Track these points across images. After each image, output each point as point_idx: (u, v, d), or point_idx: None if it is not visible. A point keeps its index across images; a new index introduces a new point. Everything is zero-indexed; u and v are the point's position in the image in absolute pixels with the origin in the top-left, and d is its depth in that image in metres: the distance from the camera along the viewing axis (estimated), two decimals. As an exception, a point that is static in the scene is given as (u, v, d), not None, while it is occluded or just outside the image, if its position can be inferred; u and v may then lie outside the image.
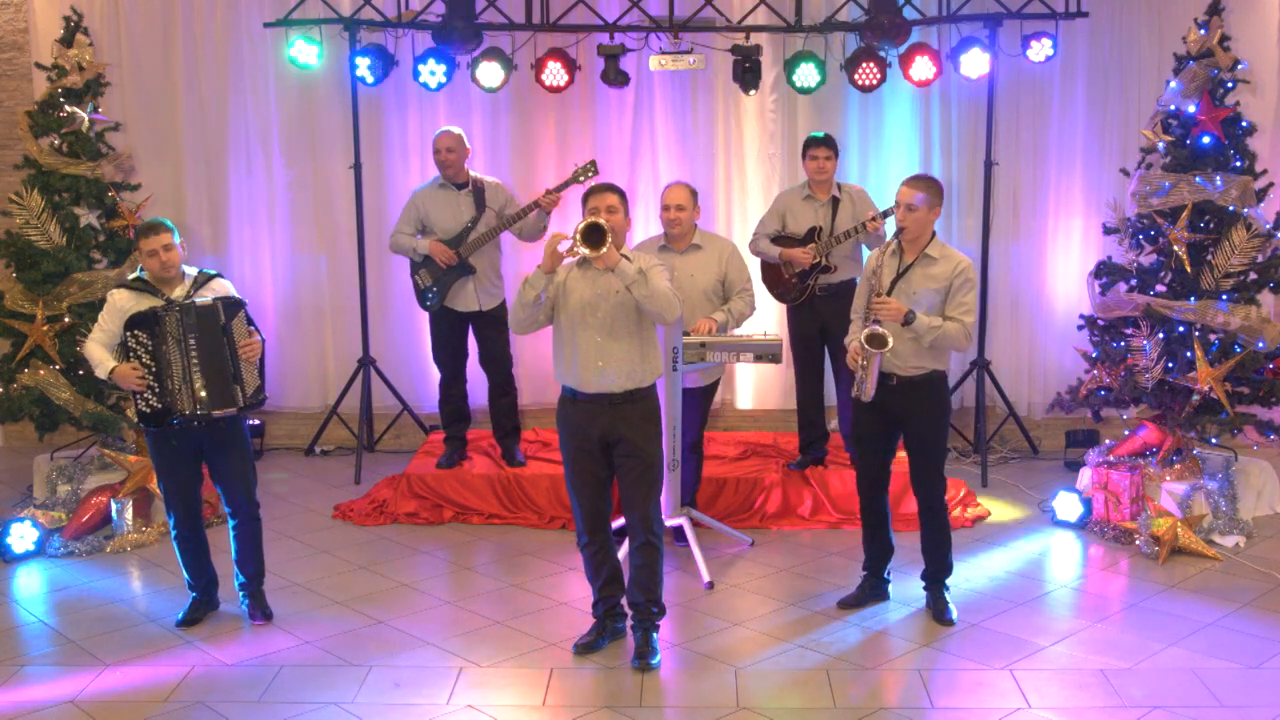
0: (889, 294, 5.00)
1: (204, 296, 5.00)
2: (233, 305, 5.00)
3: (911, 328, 4.91)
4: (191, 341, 4.90)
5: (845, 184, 6.63)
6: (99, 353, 4.98)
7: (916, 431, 5.11)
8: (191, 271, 5.10)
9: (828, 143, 6.46)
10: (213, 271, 5.17)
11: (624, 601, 4.97)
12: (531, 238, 6.75)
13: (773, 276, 6.71)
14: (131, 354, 4.91)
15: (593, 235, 4.43)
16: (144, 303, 4.96)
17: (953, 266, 5.02)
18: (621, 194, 4.99)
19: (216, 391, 4.93)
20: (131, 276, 5.10)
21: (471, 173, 6.73)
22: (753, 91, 7.30)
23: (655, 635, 4.84)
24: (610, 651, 4.90)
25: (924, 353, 5.01)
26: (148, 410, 4.93)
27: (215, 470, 5.12)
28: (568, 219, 7.72)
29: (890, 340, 4.84)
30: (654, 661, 4.74)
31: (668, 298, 4.63)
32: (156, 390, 4.91)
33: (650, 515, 4.80)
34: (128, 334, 4.91)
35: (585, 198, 4.98)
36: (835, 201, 6.51)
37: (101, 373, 4.98)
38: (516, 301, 4.69)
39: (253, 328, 5.06)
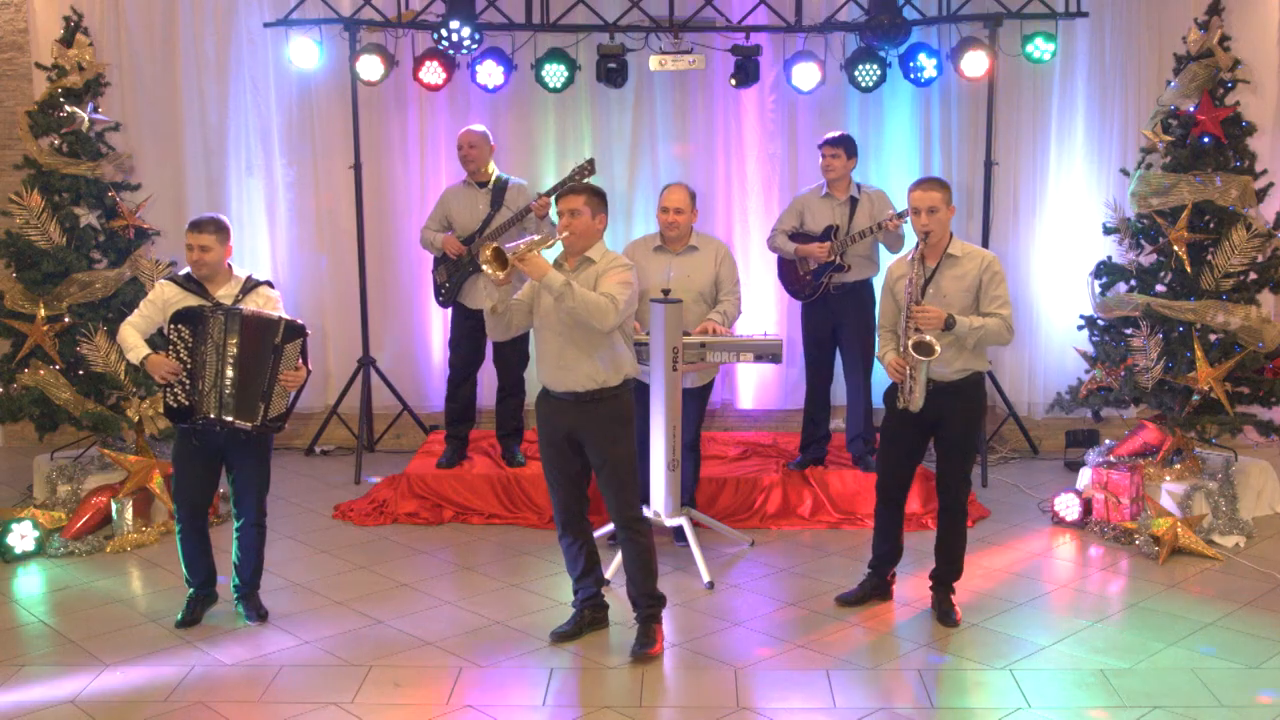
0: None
1: (249, 305, 4.98)
2: (294, 329, 4.96)
3: (953, 332, 4.88)
4: (232, 346, 4.89)
5: (865, 186, 6.64)
6: (134, 338, 4.98)
7: (951, 434, 5.07)
8: (241, 274, 5.10)
9: (835, 142, 6.49)
10: (262, 279, 5.15)
11: (604, 594, 5.07)
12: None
13: (788, 273, 6.74)
14: (170, 346, 4.90)
15: (498, 258, 4.53)
16: (189, 300, 4.97)
17: (979, 262, 5.00)
18: (591, 194, 4.81)
19: (242, 401, 4.91)
20: (182, 272, 5.10)
21: (497, 172, 6.75)
22: (740, 86, 7.28)
23: (655, 625, 4.87)
24: (610, 651, 4.90)
25: (967, 355, 4.99)
26: (174, 405, 4.93)
27: (232, 472, 5.12)
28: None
29: (938, 348, 4.81)
30: (648, 651, 4.76)
31: (596, 306, 4.57)
32: (187, 387, 4.90)
33: (626, 511, 4.83)
34: (171, 326, 4.90)
35: (556, 199, 4.92)
36: (853, 202, 6.53)
37: (134, 358, 4.97)
38: (485, 313, 4.79)
39: (303, 360, 5.03)
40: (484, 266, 4.52)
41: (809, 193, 6.71)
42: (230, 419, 4.91)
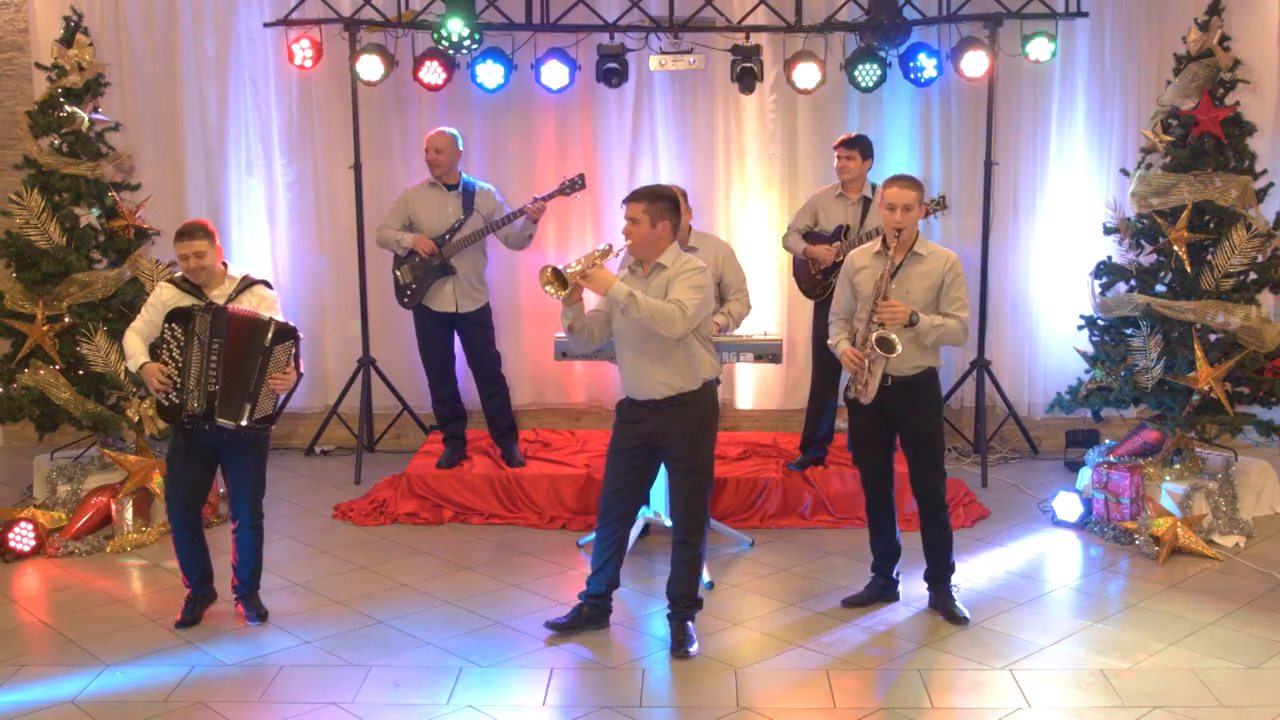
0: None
1: (244, 304, 4.98)
2: (285, 331, 4.95)
3: (914, 328, 4.93)
4: (215, 345, 4.88)
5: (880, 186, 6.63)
6: (136, 346, 5.00)
7: (914, 430, 5.12)
8: (237, 274, 5.10)
9: (850, 143, 6.50)
10: (259, 278, 5.15)
11: (611, 596, 5.09)
12: (517, 245, 6.78)
13: (801, 272, 6.77)
14: (164, 346, 4.92)
15: (557, 278, 4.57)
16: (185, 299, 4.98)
17: (943, 262, 5.05)
18: (651, 202, 4.74)
19: (226, 400, 4.90)
20: (179, 273, 5.11)
21: (464, 176, 6.75)
22: (746, 91, 7.30)
23: (690, 625, 4.92)
24: (610, 651, 4.90)
25: (923, 352, 5.04)
26: (166, 404, 4.94)
27: (227, 474, 5.12)
28: (557, 228, 7.74)
29: (899, 346, 4.86)
30: (691, 650, 4.82)
31: (664, 315, 4.59)
32: (177, 386, 4.91)
33: (689, 518, 4.87)
34: (166, 325, 4.92)
35: (622, 203, 4.89)
36: (866, 202, 6.53)
37: (133, 366, 5.00)
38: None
39: (293, 365, 5.00)
40: (546, 287, 4.55)
41: (824, 191, 6.73)
42: (215, 418, 4.91)
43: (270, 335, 4.92)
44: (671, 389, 4.76)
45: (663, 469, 5.08)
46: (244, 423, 4.91)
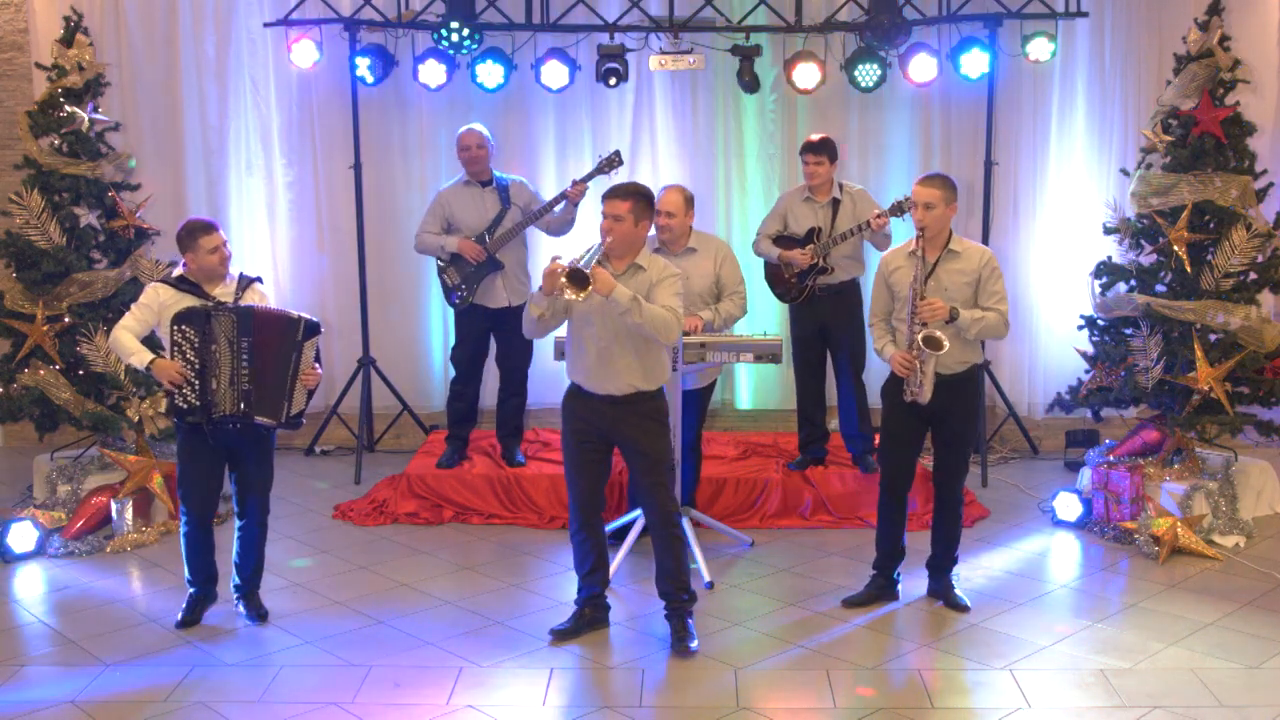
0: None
1: (252, 302, 5.01)
2: (313, 327, 4.98)
3: (955, 324, 4.96)
4: (244, 344, 4.89)
5: (848, 185, 6.62)
6: (132, 342, 4.97)
7: (953, 427, 5.15)
8: (234, 273, 5.11)
9: (816, 148, 6.41)
10: (254, 275, 5.18)
11: (607, 594, 5.11)
12: (559, 231, 6.77)
13: (774, 276, 6.74)
14: (175, 348, 4.89)
15: (576, 278, 4.50)
16: (187, 300, 4.97)
17: (979, 258, 5.09)
18: (640, 197, 4.78)
19: (264, 398, 4.91)
20: (175, 274, 5.10)
21: (494, 170, 6.74)
22: (749, 91, 7.32)
23: (690, 621, 4.92)
24: (610, 651, 4.90)
25: (967, 347, 5.07)
26: (183, 406, 4.92)
27: (237, 472, 5.12)
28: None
29: (947, 343, 4.87)
30: (692, 646, 4.83)
31: (663, 322, 4.61)
32: (196, 388, 4.90)
33: (665, 509, 4.87)
34: (174, 328, 4.89)
35: (603, 199, 4.87)
36: (835, 203, 6.51)
37: (137, 362, 4.95)
38: (525, 314, 4.81)
39: (317, 362, 5.04)
40: (565, 293, 4.47)
41: (791, 194, 6.71)
42: (252, 416, 4.91)
43: (301, 331, 4.94)
44: (633, 388, 4.77)
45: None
46: (282, 420, 4.94)
